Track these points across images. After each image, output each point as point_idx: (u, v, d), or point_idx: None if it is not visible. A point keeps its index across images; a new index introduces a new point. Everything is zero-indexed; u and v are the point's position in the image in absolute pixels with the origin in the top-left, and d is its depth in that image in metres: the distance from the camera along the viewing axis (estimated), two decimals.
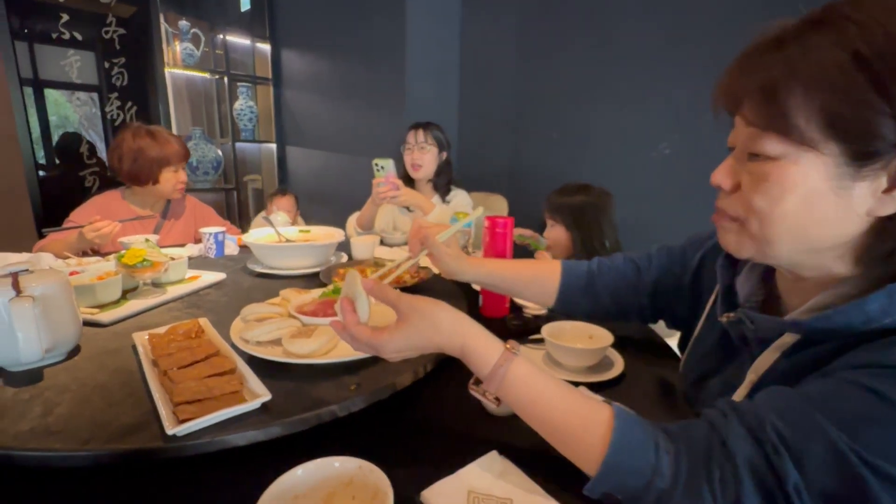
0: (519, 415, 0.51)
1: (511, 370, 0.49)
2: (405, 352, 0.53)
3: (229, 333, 0.72)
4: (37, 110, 2.26)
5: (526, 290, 0.83)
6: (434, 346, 0.53)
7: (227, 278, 1.13)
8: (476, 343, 0.51)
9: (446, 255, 0.78)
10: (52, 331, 0.64)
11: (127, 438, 0.50)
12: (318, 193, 2.95)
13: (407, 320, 0.52)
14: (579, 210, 1.37)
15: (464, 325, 0.52)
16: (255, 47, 3.12)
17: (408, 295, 0.54)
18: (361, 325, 0.54)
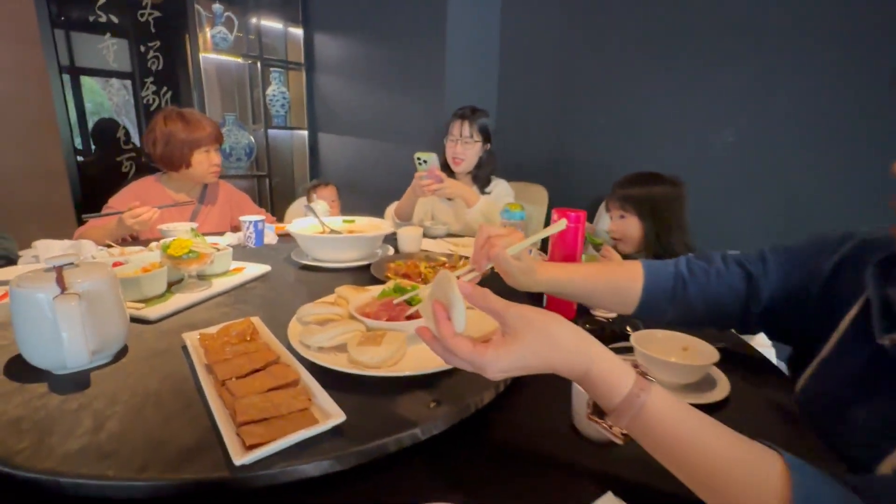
0: (652, 454, 0.42)
1: (649, 403, 0.40)
2: (513, 371, 0.45)
3: (287, 335, 0.65)
4: (73, 97, 2.25)
5: (603, 299, 0.74)
6: (549, 367, 0.44)
7: (272, 270, 1.06)
8: (604, 366, 0.42)
9: (518, 270, 0.70)
10: (100, 331, 0.58)
11: (187, 465, 0.43)
12: (352, 182, 2.88)
13: (517, 335, 0.44)
14: (656, 201, 1.24)
15: (589, 345, 0.43)
16: (288, 32, 3.05)
17: (517, 304, 0.45)
18: (460, 338, 0.45)
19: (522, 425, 0.58)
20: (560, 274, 0.73)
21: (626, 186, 1.30)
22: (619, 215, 1.29)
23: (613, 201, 1.32)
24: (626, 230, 1.29)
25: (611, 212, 1.36)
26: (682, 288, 0.71)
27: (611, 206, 1.36)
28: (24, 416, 0.50)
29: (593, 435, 0.55)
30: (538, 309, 0.46)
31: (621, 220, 1.30)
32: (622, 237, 1.32)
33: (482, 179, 1.81)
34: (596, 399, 0.44)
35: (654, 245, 1.24)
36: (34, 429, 0.47)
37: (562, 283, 0.73)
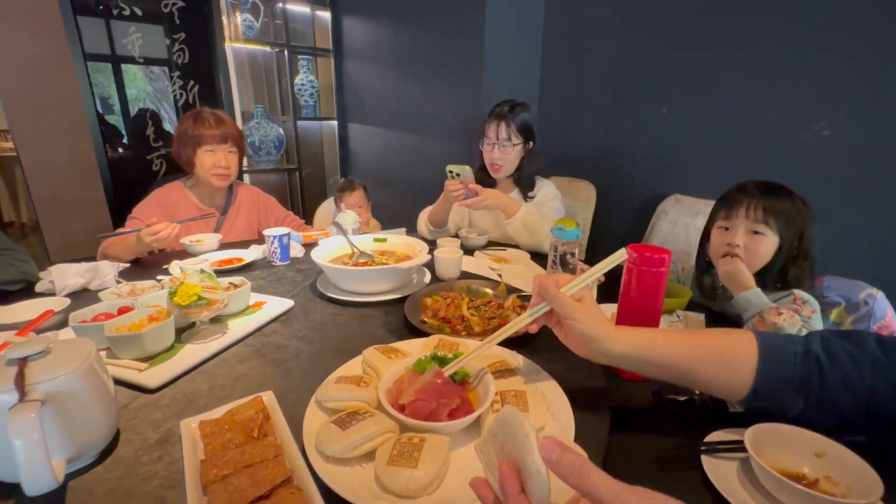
0: None
1: None
2: None
3: (302, 430, 0.52)
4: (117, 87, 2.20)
5: (701, 380, 0.56)
6: None
7: (294, 307, 0.94)
8: None
9: (585, 323, 0.55)
10: (75, 438, 0.47)
11: None
12: (382, 176, 2.75)
13: None
14: (804, 220, 0.99)
15: None
16: (316, 16, 2.89)
17: (634, 489, 0.30)
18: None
19: None
20: (646, 336, 0.57)
21: (769, 196, 1.01)
22: (752, 230, 1.02)
23: (751, 211, 1.02)
24: (758, 251, 1.00)
25: (731, 221, 1.08)
26: (819, 377, 0.52)
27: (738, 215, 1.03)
28: None
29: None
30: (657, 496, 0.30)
31: (754, 237, 1.02)
32: (746, 259, 1.05)
33: (525, 183, 1.63)
34: None
35: (775, 275, 1.01)
36: None
37: (649, 351, 0.55)
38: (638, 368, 0.58)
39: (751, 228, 0.99)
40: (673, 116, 1.81)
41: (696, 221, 1.67)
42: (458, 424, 0.52)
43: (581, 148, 2.12)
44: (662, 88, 1.82)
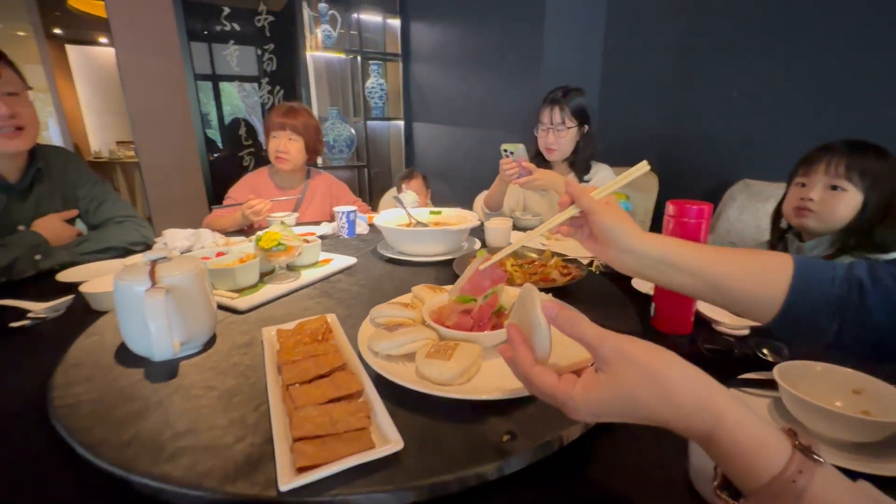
0: None
1: (812, 493, 0.28)
2: (605, 417, 0.35)
3: (357, 338, 0.62)
4: (214, 101, 2.54)
5: (730, 291, 0.51)
6: (658, 420, 0.33)
7: (357, 263, 1.06)
8: (741, 433, 0.30)
9: (608, 215, 0.54)
10: (187, 323, 0.60)
11: (241, 480, 0.41)
12: (445, 170, 2.87)
13: (614, 375, 0.34)
14: (883, 175, 0.93)
15: (717, 400, 0.32)
16: (386, 23, 3.10)
17: (616, 335, 0.35)
18: (541, 368, 0.37)
19: (621, 474, 0.47)
20: (676, 243, 0.53)
21: (855, 152, 0.94)
22: (831, 185, 0.96)
23: (831, 166, 0.96)
24: (836, 207, 0.94)
25: (810, 177, 1.00)
26: (859, 297, 0.48)
27: (817, 171, 0.98)
28: (116, 403, 0.53)
29: None
30: (647, 344, 0.35)
31: (833, 193, 0.96)
32: (821, 214, 0.98)
33: (581, 166, 1.64)
34: (725, 472, 0.32)
35: (858, 238, 0.94)
36: (120, 418, 0.50)
37: (677, 253, 0.52)
38: (662, 274, 0.54)
39: (829, 184, 0.95)
40: (745, 100, 1.73)
41: (767, 206, 1.57)
42: (489, 336, 0.58)
43: (643, 136, 2.08)
44: (730, 71, 1.74)
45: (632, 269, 0.56)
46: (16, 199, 1.13)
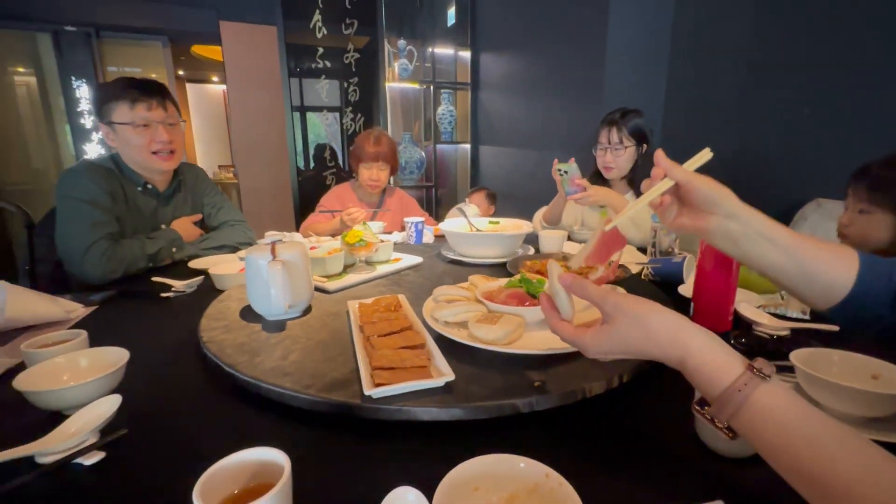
0: (762, 456, 0.38)
1: (754, 398, 0.36)
2: (614, 355, 0.46)
3: (422, 311, 0.76)
4: (301, 129, 2.92)
5: (812, 274, 0.53)
6: (647, 355, 0.44)
7: (423, 262, 1.22)
8: (702, 359, 0.40)
9: (708, 183, 0.53)
10: (294, 290, 0.78)
11: (335, 391, 0.55)
12: (508, 189, 3.00)
13: (613, 323, 0.45)
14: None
15: (685, 335, 0.41)
16: (457, 56, 3.36)
17: (614, 294, 0.46)
18: (562, 322, 0.49)
19: (638, 425, 0.56)
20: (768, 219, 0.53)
21: (884, 171, 0.94)
22: (858, 209, 0.97)
23: (858, 189, 0.98)
24: (866, 230, 0.95)
25: (847, 200, 1.03)
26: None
27: (849, 194, 1.02)
28: (245, 342, 0.71)
29: (718, 447, 0.49)
30: (637, 298, 0.45)
31: (860, 216, 0.96)
32: (854, 239, 0.99)
33: (639, 183, 1.69)
34: (698, 389, 0.41)
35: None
36: (249, 351, 0.68)
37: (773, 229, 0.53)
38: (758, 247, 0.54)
39: (857, 207, 0.95)
40: (814, 116, 1.69)
41: None
42: (531, 311, 0.69)
43: None
44: (800, 88, 1.72)
45: (733, 237, 0.54)
46: (161, 203, 1.44)
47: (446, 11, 3.51)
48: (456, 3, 3.33)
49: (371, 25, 2.88)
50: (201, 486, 0.36)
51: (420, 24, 3.44)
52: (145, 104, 1.29)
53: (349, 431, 0.54)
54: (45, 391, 0.54)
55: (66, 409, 0.56)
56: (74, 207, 1.20)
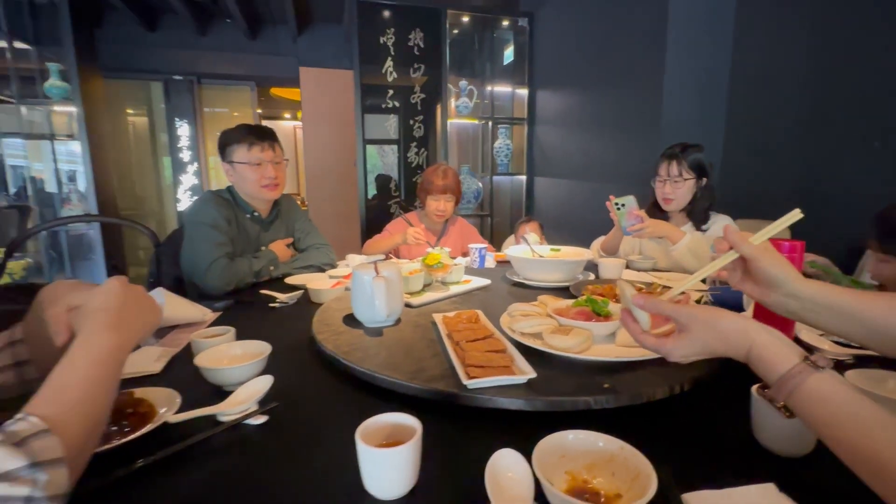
0: (816, 433, 0.46)
1: (808, 383, 0.45)
2: (692, 357, 0.56)
3: (498, 323, 0.88)
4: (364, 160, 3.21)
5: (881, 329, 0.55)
6: (719, 352, 0.53)
7: (491, 284, 1.34)
8: (764, 351, 0.49)
9: (772, 262, 0.58)
10: (391, 302, 0.93)
11: (435, 383, 0.68)
12: (562, 220, 3.08)
13: (688, 330, 0.54)
14: None
15: (750, 331, 0.51)
16: (515, 93, 3.56)
17: (686, 306, 0.56)
18: (645, 334, 0.59)
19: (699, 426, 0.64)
20: (831, 290, 0.57)
21: (891, 217, 1.04)
22: (878, 258, 1.03)
23: (871, 242, 1.07)
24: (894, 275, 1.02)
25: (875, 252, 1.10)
26: None
27: (874, 245, 1.10)
28: (354, 343, 0.86)
29: (773, 447, 0.56)
30: (705, 307, 0.55)
31: (884, 265, 1.03)
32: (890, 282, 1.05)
33: (698, 215, 1.73)
34: (760, 376, 0.50)
35: None
36: (359, 351, 0.82)
37: (834, 299, 0.56)
38: (819, 316, 0.58)
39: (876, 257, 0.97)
40: (888, 151, 1.66)
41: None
42: (599, 325, 0.79)
43: (772, 189, 2.06)
44: (871, 122, 1.70)
45: (792, 311, 0.59)
46: (263, 228, 1.67)
47: (503, 52, 3.74)
48: (514, 43, 3.55)
49: (436, 68, 3.15)
50: (361, 431, 0.50)
51: (479, 64, 3.69)
52: (259, 146, 1.54)
53: (446, 416, 0.66)
54: (220, 368, 0.71)
55: (228, 385, 0.73)
56: (201, 230, 1.44)
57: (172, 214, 4.85)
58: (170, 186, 4.82)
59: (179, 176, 4.73)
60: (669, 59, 2.19)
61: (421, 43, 3.11)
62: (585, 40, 2.75)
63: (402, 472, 0.48)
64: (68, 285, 0.60)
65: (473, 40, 3.64)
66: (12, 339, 0.64)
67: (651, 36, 2.25)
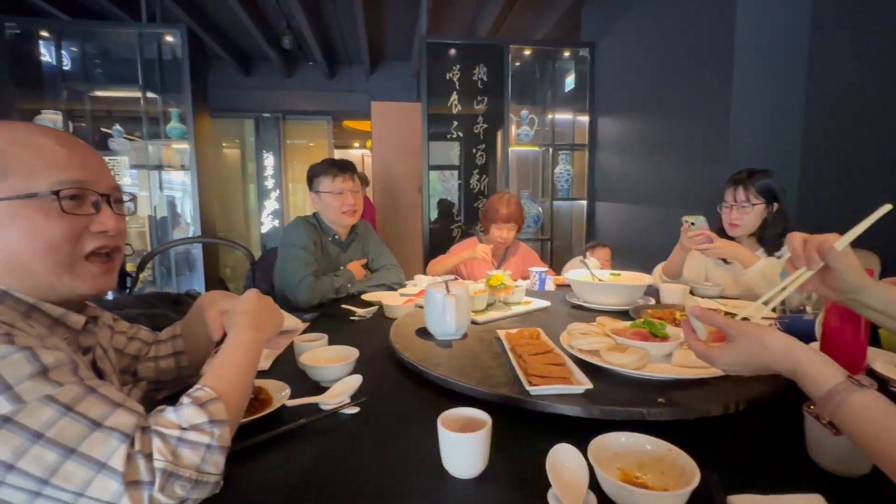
0: (861, 448, 0.50)
1: (852, 399, 0.49)
2: (736, 367, 0.61)
3: (558, 340, 0.95)
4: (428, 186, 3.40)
5: None
6: (764, 366, 0.58)
7: (551, 306, 1.41)
8: (811, 367, 0.54)
9: (853, 275, 0.64)
10: (459, 318, 1.04)
11: (501, 388, 0.77)
12: (624, 244, 3.05)
13: (736, 341, 0.60)
14: None
15: (796, 349, 0.55)
16: (575, 119, 3.62)
17: (737, 321, 0.61)
18: (697, 341, 0.65)
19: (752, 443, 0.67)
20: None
21: None
22: None
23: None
24: None
25: None
26: None
27: None
28: (428, 352, 0.97)
29: (827, 465, 0.59)
30: (754, 323, 0.60)
31: None
32: None
33: (770, 242, 1.68)
34: (807, 392, 0.55)
35: None
36: (432, 359, 0.93)
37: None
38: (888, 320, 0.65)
39: None
40: None
41: None
42: (655, 345, 0.84)
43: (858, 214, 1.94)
44: None
45: (871, 317, 0.67)
46: (342, 250, 1.87)
47: (564, 80, 3.83)
48: (575, 71, 3.63)
49: (499, 98, 3.31)
50: (442, 419, 0.60)
51: (540, 93, 3.81)
52: (341, 178, 1.75)
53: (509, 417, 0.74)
54: (320, 366, 0.86)
55: (324, 382, 0.87)
56: (293, 251, 1.66)
57: (257, 236, 5.38)
58: (255, 211, 5.37)
59: (263, 202, 5.27)
60: (737, 83, 2.16)
61: (484, 77, 3.29)
62: (648, 67, 2.78)
63: (476, 455, 0.58)
64: (219, 294, 0.78)
65: (534, 70, 3.78)
66: (174, 333, 0.82)
67: (717, 60, 2.24)
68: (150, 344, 0.81)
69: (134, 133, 3.23)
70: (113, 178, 0.65)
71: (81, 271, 0.60)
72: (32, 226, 0.55)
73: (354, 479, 0.61)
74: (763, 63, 2.16)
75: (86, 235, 0.60)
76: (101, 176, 0.62)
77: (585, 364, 0.84)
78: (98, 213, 0.60)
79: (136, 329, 0.82)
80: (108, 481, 0.45)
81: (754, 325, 0.59)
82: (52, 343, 0.53)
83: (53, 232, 0.56)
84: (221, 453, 0.52)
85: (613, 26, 3.16)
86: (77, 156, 0.60)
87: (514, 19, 4.04)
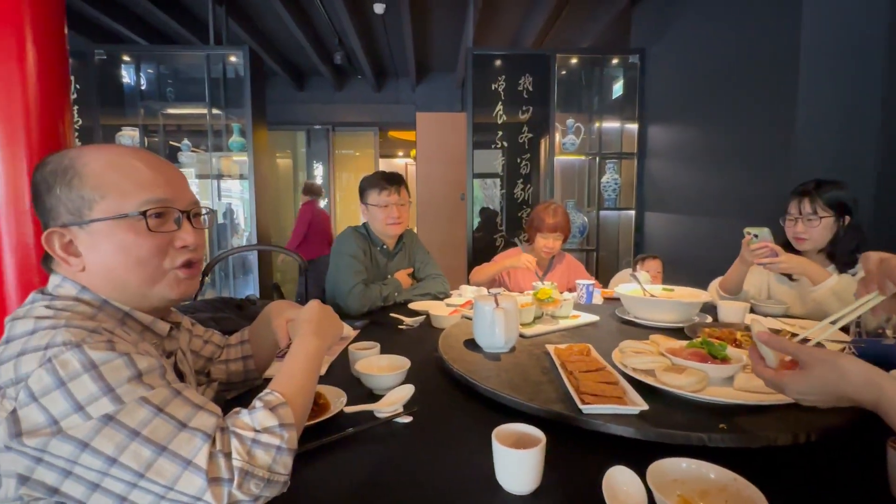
0: None
1: None
2: (809, 396, 0.58)
3: (610, 357, 0.94)
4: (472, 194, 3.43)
5: None
6: (842, 396, 0.55)
7: (599, 320, 1.38)
8: None
9: None
10: (508, 331, 1.04)
11: (552, 405, 0.77)
12: (675, 257, 2.93)
13: (809, 368, 0.57)
14: None
15: (879, 378, 0.52)
16: (623, 128, 3.53)
17: (809, 346, 0.59)
18: (766, 368, 0.63)
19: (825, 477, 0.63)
20: None
21: None
22: None
23: None
24: None
25: None
26: None
27: None
28: (476, 364, 0.99)
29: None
30: (829, 350, 0.57)
31: None
32: None
33: (842, 258, 1.57)
34: (891, 426, 0.51)
35: None
36: (482, 372, 0.95)
37: None
38: None
39: None
40: None
41: None
42: (713, 367, 0.81)
43: None
44: None
45: None
46: (389, 259, 1.93)
47: (612, 86, 3.75)
48: (623, 78, 3.55)
49: (544, 107, 3.29)
50: (496, 434, 0.61)
51: (587, 101, 3.75)
52: (387, 191, 1.81)
53: (560, 435, 0.74)
54: (375, 375, 0.89)
55: (377, 389, 0.90)
56: (344, 260, 1.72)
57: None
58: None
59: None
60: (802, 87, 2.04)
61: (530, 87, 3.29)
62: (702, 72, 2.67)
63: (531, 471, 0.58)
64: (285, 304, 0.83)
65: (581, 78, 3.72)
66: (242, 338, 0.88)
67: (780, 63, 2.12)
68: (221, 347, 0.88)
69: (199, 146, 3.49)
70: (192, 194, 0.71)
71: (169, 279, 0.66)
72: (125, 244, 0.62)
73: (410, 487, 0.64)
74: (832, 64, 2.03)
75: (171, 251, 0.66)
76: (182, 193, 0.68)
77: (639, 384, 0.82)
78: (179, 230, 0.67)
79: (210, 333, 0.88)
80: (194, 477, 0.50)
81: (830, 352, 0.56)
82: (144, 349, 0.59)
83: (142, 249, 0.63)
84: (290, 455, 0.56)
85: (666, 31, 3.06)
86: (162, 176, 0.66)
87: (560, 28, 4.02)
